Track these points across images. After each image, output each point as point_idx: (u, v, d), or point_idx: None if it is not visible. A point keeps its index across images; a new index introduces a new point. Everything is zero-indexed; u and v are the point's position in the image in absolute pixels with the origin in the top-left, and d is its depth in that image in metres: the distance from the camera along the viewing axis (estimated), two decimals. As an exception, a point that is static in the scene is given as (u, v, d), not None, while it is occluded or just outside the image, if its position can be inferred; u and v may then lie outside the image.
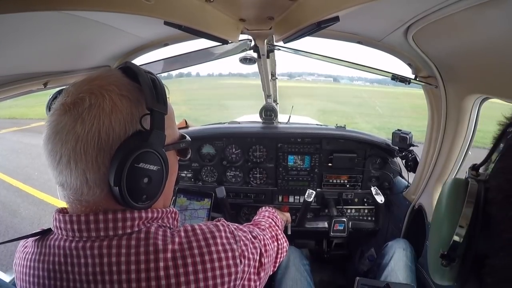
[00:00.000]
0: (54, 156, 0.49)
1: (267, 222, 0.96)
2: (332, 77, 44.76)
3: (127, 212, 0.52)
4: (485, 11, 0.62)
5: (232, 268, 0.56)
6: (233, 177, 1.88)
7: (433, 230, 0.47)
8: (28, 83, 0.94)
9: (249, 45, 1.31)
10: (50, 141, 0.49)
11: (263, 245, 0.71)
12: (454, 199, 0.41)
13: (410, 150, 1.58)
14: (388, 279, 1.23)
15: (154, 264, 0.50)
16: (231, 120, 2.19)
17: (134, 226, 0.53)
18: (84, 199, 0.51)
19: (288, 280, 1.25)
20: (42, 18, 0.67)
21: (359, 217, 1.82)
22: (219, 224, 0.60)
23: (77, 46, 0.95)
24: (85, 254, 0.50)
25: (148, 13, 0.66)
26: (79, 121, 0.47)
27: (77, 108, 0.48)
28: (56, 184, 0.52)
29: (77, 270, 0.50)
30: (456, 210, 0.39)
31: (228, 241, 0.58)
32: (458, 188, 0.42)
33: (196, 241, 0.54)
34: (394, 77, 1.25)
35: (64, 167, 0.48)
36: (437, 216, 0.46)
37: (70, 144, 0.47)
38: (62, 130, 0.48)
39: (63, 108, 0.49)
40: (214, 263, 0.54)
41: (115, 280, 0.49)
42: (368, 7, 0.79)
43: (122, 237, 0.51)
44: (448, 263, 0.38)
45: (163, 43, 1.25)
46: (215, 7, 0.84)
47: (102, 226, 0.51)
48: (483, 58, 0.84)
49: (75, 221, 0.51)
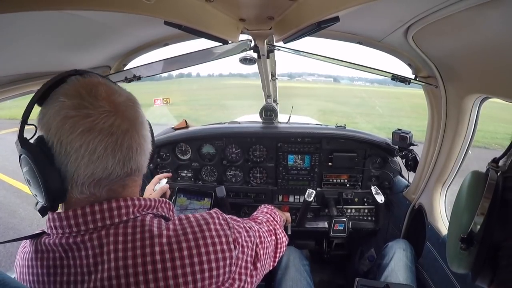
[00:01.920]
0: (94, 150, 0.51)
1: (264, 217, 0.96)
2: (332, 77, 44.79)
3: (120, 200, 0.55)
4: (485, 11, 0.62)
5: (227, 252, 0.58)
6: (233, 177, 1.88)
7: (454, 217, 0.50)
8: (28, 83, 0.95)
9: (249, 45, 1.31)
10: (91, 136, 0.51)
11: (258, 236, 0.72)
12: (475, 187, 0.44)
13: (410, 150, 1.58)
14: (388, 279, 1.23)
15: (149, 249, 0.52)
16: (231, 120, 2.19)
17: (129, 213, 0.55)
18: (104, 184, 0.54)
19: (288, 280, 1.25)
20: (42, 18, 0.67)
21: (359, 217, 1.82)
22: (212, 212, 0.63)
23: (77, 46, 0.95)
24: (86, 247, 0.52)
25: (148, 13, 0.66)
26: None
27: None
28: (85, 176, 0.52)
29: (78, 263, 0.52)
30: (476, 198, 0.42)
31: (222, 227, 0.60)
32: (478, 177, 0.45)
33: (190, 227, 0.57)
34: (394, 77, 1.25)
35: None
36: (458, 204, 0.49)
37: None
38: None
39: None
40: (208, 247, 0.56)
41: (113, 267, 0.50)
42: (368, 7, 0.79)
43: (118, 226, 0.53)
44: (467, 247, 0.41)
45: (163, 43, 1.25)
46: (215, 7, 0.84)
47: (98, 216, 0.53)
48: (483, 58, 0.84)
49: (71, 216, 0.53)
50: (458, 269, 0.46)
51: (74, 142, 0.50)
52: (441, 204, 1.33)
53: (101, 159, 0.51)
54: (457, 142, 1.18)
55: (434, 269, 1.24)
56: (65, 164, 0.51)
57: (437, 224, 1.30)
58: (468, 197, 0.45)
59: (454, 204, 0.52)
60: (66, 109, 0.50)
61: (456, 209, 0.50)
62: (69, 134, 0.50)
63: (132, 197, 0.57)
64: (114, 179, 0.54)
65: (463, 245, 0.41)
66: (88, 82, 0.55)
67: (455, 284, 1.06)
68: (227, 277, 0.58)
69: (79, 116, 0.50)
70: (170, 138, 1.80)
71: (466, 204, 0.45)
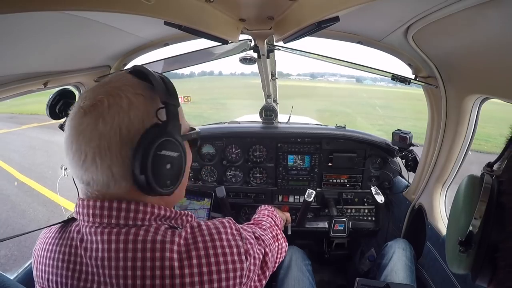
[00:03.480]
0: (79, 156, 0.51)
1: (267, 222, 0.96)
2: (355, 78, 44.39)
3: (140, 204, 0.54)
4: (485, 11, 0.62)
5: (238, 264, 0.57)
6: (233, 177, 1.88)
7: (451, 220, 0.51)
8: (28, 83, 0.95)
9: (249, 45, 1.31)
10: (74, 142, 0.51)
11: (267, 245, 0.72)
12: (471, 191, 0.45)
13: (410, 150, 1.58)
14: (388, 279, 1.23)
15: (160, 253, 0.51)
16: (231, 120, 2.19)
17: (145, 219, 0.54)
18: (110, 193, 0.53)
19: (290, 280, 1.25)
20: (42, 18, 0.67)
21: (359, 217, 1.82)
22: (225, 221, 0.62)
23: (77, 46, 0.95)
24: (96, 240, 0.52)
25: (148, 13, 0.66)
26: (101, 120, 0.50)
27: (97, 109, 0.51)
28: (81, 183, 0.53)
29: (88, 255, 0.52)
30: (472, 202, 0.43)
31: (234, 238, 0.59)
32: (474, 182, 0.46)
33: (201, 235, 0.56)
34: (394, 77, 1.25)
35: (89, 164, 0.50)
36: (455, 208, 0.50)
37: (94, 142, 0.50)
38: (85, 130, 0.50)
39: (82, 111, 0.51)
40: (219, 258, 0.55)
41: (121, 267, 0.50)
42: (368, 7, 0.79)
43: (131, 228, 0.53)
44: (466, 249, 0.42)
45: (163, 43, 1.26)
46: (215, 7, 0.84)
47: (114, 213, 0.52)
48: (483, 58, 0.84)
49: (91, 205, 0.53)
50: (457, 270, 0.47)
51: None
52: (441, 204, 1.33)
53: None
54: (457, 143, 1.18)
55: (434, 269, 1.24)
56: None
57: (437, 224, 1.30)
58: (464, 200, 0.47)
59: (451, 208, 0.53)
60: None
61: (454, 212, 0.51)
62: None
63: (154, 204, 0.56)
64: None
65: (462, 248, 0.42)
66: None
67: (455, 283, 1.07)
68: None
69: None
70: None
71: (463, 208, 0.46)
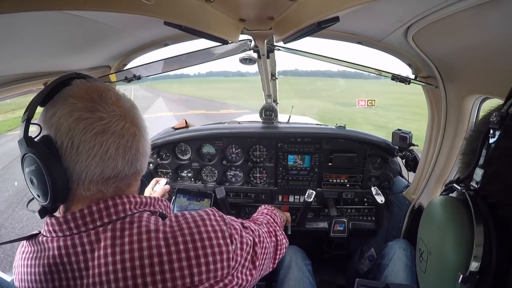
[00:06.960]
0: (107, 150, 0.54)
1: (265, 219, 0.97)
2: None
3: (116, 198, 0.57)
4: (485, 11, 0.62)
5: (223, 247, 0.59)
6: (233, 177, 1.88)
7: (435, 258, 0.42)
8: (28, 83, 0.95)
9: (249, 45, 1.31)
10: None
11: (256, 235, 0.73)
12: (458, 217, 0.39)
13: (410, 150, 1.58)
14: (388, 279, 1.23)
15: (146, 243, 0.53)
16: (231, 120, 2.19)
17: (126, 210, 0.57)
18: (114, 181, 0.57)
19: (290, 280, 1.25)
20: (42, 18, 0.67)
21: (359, 217, 1.82)
22: (208, 209, 0.65)
23: (77, 46, 0.94)
24: (82, 242, 0.54)
25: (148, 13, 0.66)
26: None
27: None
28: (95, 174, 0.55)
29: (74, 260, 0.54)
30: (464, 229, 0.37)
31: (218, 223, 0.61)
32: (454, 205, 0.40)
33: (186, 223, 0.58)
34: (394, 77, 1.25)
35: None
36: (436, 241, 0.43)
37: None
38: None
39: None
40: (204, 242, 0.57)
41: (110, 262, 0.52)
42: (368, 7, 0.79)
43: (116, 222, 0.55)
44: (472, 284, 0.35)
45: (163, 43, 1.25)
46: (215, 7, 0.84)
47: (97, 216, 0.55)
48: (483, 58, 0.84)
49: (70, 219, 0.54)
50: None
51: (87, 142, 0.53)
52: (441, 204, 1.33)
53: (112, 159, 0.55)
54: (457, 142, 1.18)
55: None
56: (74, 163, 0.53)
57: (437, 224, 1.30)
58: (454, 230, 0.39)
59: (425, 244, 0.45)
60: (79, 111, 0.53)
61: (436, 247, 0.42)
62: (82, 134, 0.53)
63: (128, 195, 0.59)
64: (122, 177, 0.58)
65: (468, 284, 0.35)
66: (97, 86, 0.59)
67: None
68: (226, 273, 0.59)
69: (93, 118, 0.54)
70: (170, 138, 1.80)
71: (455, 240, 0.38)
